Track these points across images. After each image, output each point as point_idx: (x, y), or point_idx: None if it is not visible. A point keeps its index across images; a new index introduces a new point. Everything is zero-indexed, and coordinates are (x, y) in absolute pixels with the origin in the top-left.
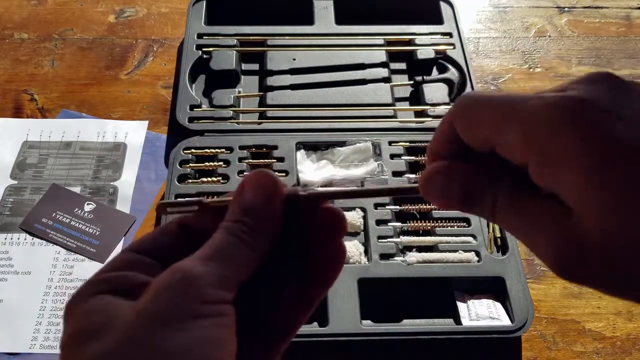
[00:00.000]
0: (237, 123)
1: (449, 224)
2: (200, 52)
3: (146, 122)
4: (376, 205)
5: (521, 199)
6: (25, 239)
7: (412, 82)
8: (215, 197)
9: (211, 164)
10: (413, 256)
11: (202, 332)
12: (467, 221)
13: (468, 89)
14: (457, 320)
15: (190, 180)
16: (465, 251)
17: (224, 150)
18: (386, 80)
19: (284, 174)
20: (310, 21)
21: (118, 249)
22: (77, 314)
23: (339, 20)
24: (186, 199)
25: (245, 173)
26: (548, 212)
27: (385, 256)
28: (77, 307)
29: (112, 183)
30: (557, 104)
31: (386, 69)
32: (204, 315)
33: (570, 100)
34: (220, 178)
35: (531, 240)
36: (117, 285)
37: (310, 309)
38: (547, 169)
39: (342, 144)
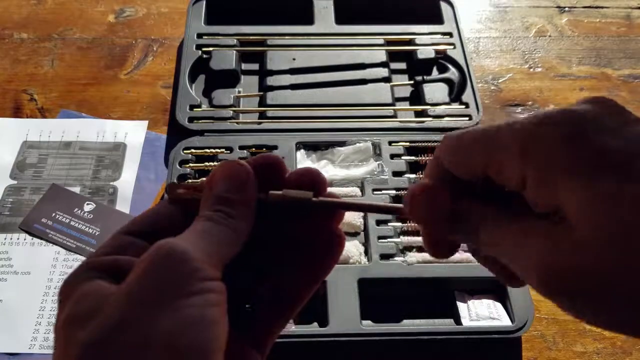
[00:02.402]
0: (237, 123)
1: None
2: (200, 51)
3: (146, 122)
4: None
5: (510, 216)
6: (24, 239)
7: (412, 82)
8: None
9: (211, 164)
10: (413, 256)
11: (192, 312)
12: None
13: (468, 89)
14: (457, 321)
15: (190, 181)
16: (465, 251)
17: (223, 150)
18: (386, 80)
19: None
20: (310, 21)
21: None
22: (69, 300)
23: (339, 20)
24: (199, 181)
25: None
26: (538, 226)
27: (385, 256)
28: (69, 292)
29: (111, 183)
30: (550, 116)
31: (386, 69)
32: (193, 293)
33: (561, 112)
34: None
35: (517, 256)
36: (108, 269)
37: (306, 296)
38: (545, 180)
39: (342, 144)
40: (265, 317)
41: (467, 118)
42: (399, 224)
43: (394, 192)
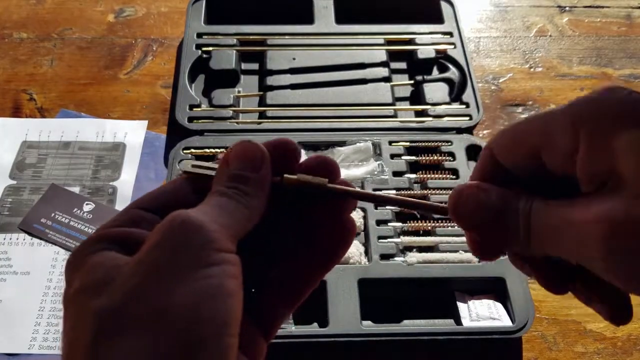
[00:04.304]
0: (237, 123)
1: (449, 224)
2: (199, 51)
3: (145, 122)
4: (376, 205)
5: (560, 201)
6: (24, 239)
7: (412, 81)
8: None
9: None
10: (413, 256)
11: (210, 282)
12: None
13: (469, 89)
14: (458, 321)
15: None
16: (466, 251)
17: (223, 150)
18: (386, 79)
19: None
20: (310, 20)
21: None
22: (80, 271)
23: (339, 20)
24: (211, 164)
25: None
26: (592, 199)
27: (385, 256)
28: (79, 263)
29: (111, 183)
30: (601, 89)
31: (386, 69)
32: (210, 263)
33: (614, 88)
34: None
35: (576, 238)
36: (119, 241)
37: (313, 284)
38: (598, 143)
39: (342, 143)
40: (271, 302)
41: (467, 118)
42: (399, 224)
43: (394, 192)
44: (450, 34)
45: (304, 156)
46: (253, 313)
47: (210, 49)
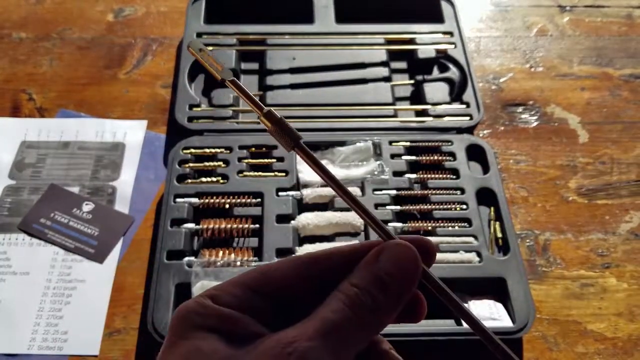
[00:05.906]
0: (237, 122)
1: (450, 224)
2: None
3: (145, 122)
4: (376, 206)
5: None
6: (23, 239)
7: (412, 81)
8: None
9: (210, 163)
10: None
11: None
12: (468, 222)
13: (469, 88)
14: (458, 321)
15: (189, 180)
16: (467, 252)
17: (223, 150)
18: (387, 79)
19: (283, 174)
20: (310, 20)
21: (117, 249)
22: (180, 347)
23: (339, 19)
24: (220, 63)
25: (244, 173)
26: None
27: None
28: (182, 332)
29: (110, 183)
30: None
31: (387, 68)
32: None
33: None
34: (220, 178)
35: None
36: (224, 328)
37: None
38: None
39: (342, 143)
40: None
41: (467, 118)
42: (399, 224)
43: (394, 192)
44: (451, 33)
45: None
46: None
47: (210, 48)
